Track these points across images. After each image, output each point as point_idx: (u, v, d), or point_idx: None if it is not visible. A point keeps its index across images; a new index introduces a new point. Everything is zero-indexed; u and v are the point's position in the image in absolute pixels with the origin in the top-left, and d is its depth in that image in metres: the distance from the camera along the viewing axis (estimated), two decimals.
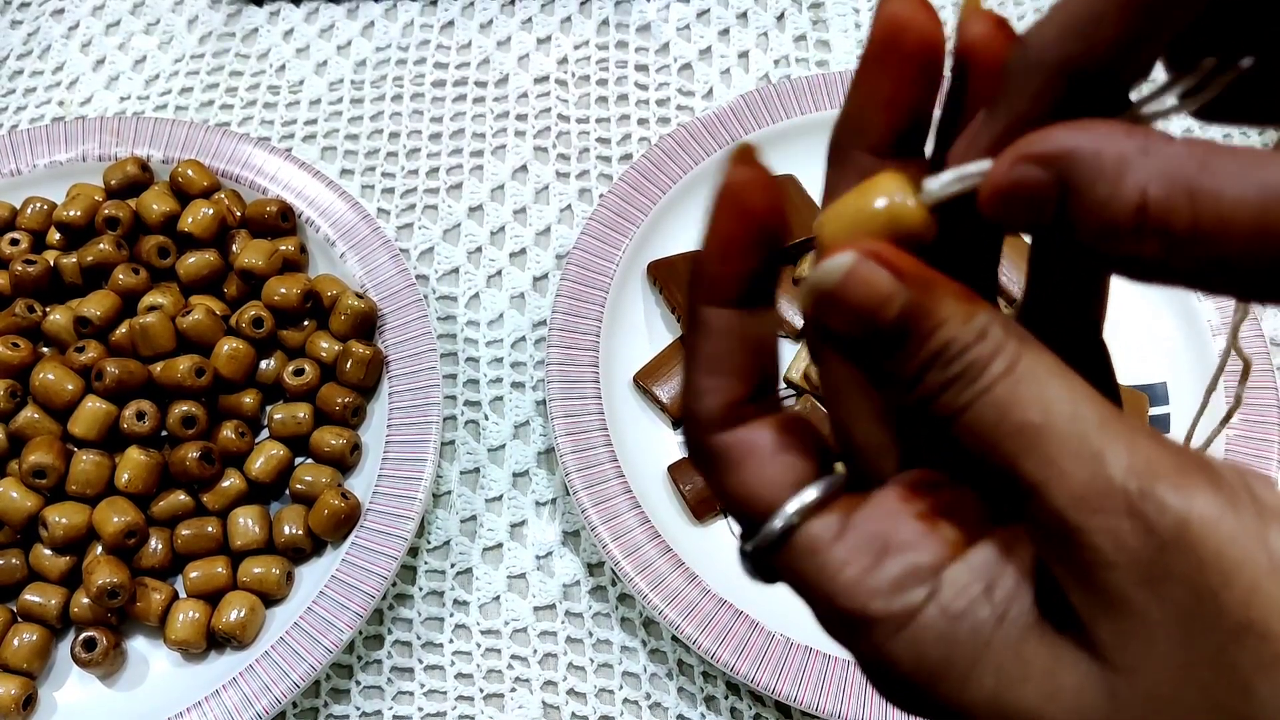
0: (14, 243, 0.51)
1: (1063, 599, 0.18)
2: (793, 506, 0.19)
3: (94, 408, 0.46)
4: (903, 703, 0.20)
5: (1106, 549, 0.16)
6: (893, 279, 0.18)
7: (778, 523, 0.19)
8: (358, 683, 0.47)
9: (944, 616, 0.18)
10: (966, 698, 0.18)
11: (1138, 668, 0.17)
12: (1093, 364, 0.22)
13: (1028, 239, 0.21)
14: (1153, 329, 0.53)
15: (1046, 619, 0.18)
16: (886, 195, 0.19)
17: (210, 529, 0.46)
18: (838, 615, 0.19)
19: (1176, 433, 0.51)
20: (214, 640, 0.45)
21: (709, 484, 0.21)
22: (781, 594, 0.51)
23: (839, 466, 0.21)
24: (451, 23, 0.64)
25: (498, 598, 0.49)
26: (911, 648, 0.18)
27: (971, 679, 0.18)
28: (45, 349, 0.49)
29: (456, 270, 0.56)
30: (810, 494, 0.19)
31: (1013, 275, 0.51)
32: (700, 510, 0.48)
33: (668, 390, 0.51)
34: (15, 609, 0.45)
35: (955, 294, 0.18)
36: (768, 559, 0.20)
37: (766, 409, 0.20)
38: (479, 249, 0.57)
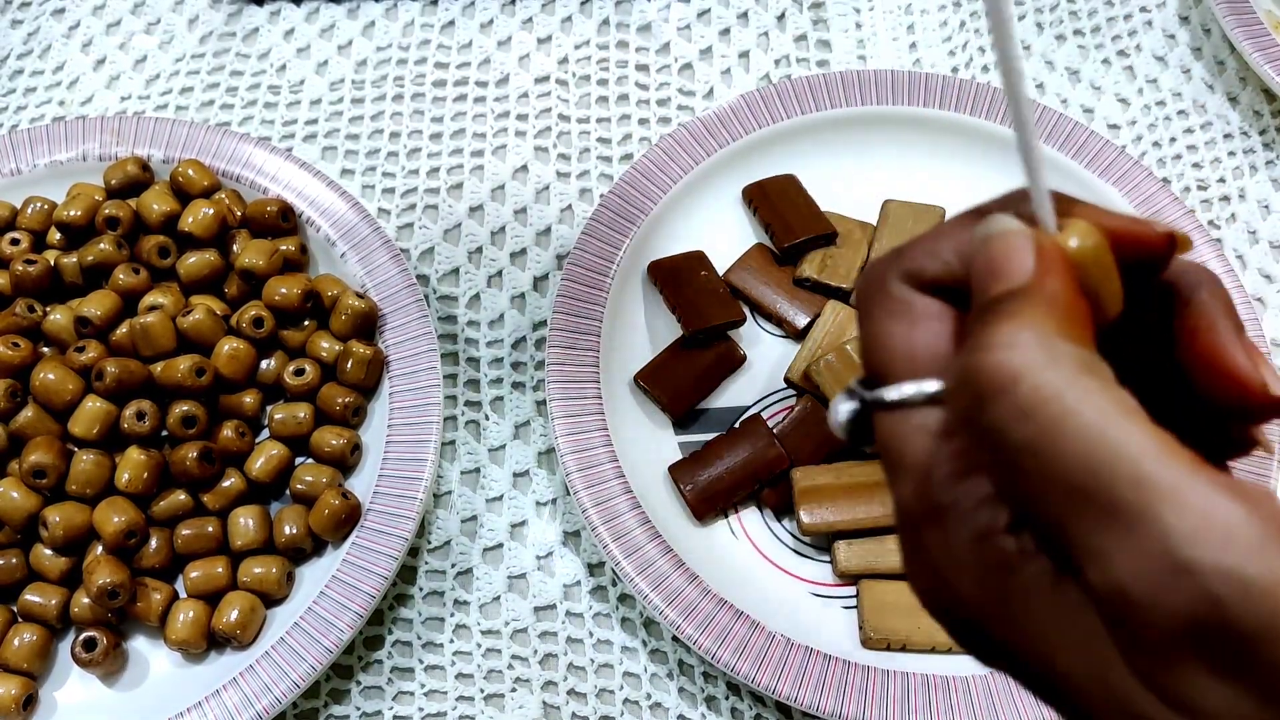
0: (14, 242, 0.51)
1: None
2: (936, 386, 0.20)
3: (94, 408, 0.46)
4: (940, 613, 0.20)
5: (1174, 629, 0.16)
6: (1031, 267, 0.19)
7: (925, 387, 0.20)
8: (358, 683, 0.47)
9: (1017, 552, 0.18)
10: (1016, 630, 0.18)
11: None
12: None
13: None
14: None
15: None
16: (1081, 237, 0.20)
17: (210, 529, 0.46)
18: (920, 496, 0.19)
19: None
20: (214, 640, 0.45)
21: (863, 323, 0.21)
22: (781, 594, 0.51)
23: None
24: (452, 23, 0.64)
25: (498, 598, 0.49)
26: (968, 566, 0.18)
27: (1024, 617, 0.18)
28: (45, 349, 0.49)
29: (457, 270, 0.56)
30: (935, 385, 0.20)
31: None
32: (700, 510, 0.48)
33: (668, 390, 0.51)
34: (15, 609, 0.45)
35: (1056, 312, 0.18)
36: (876, 412, 0.20)
37: (959, 302, 0.21)
38: (479, 249, 0.57)
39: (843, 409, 0.21)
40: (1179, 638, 0.16)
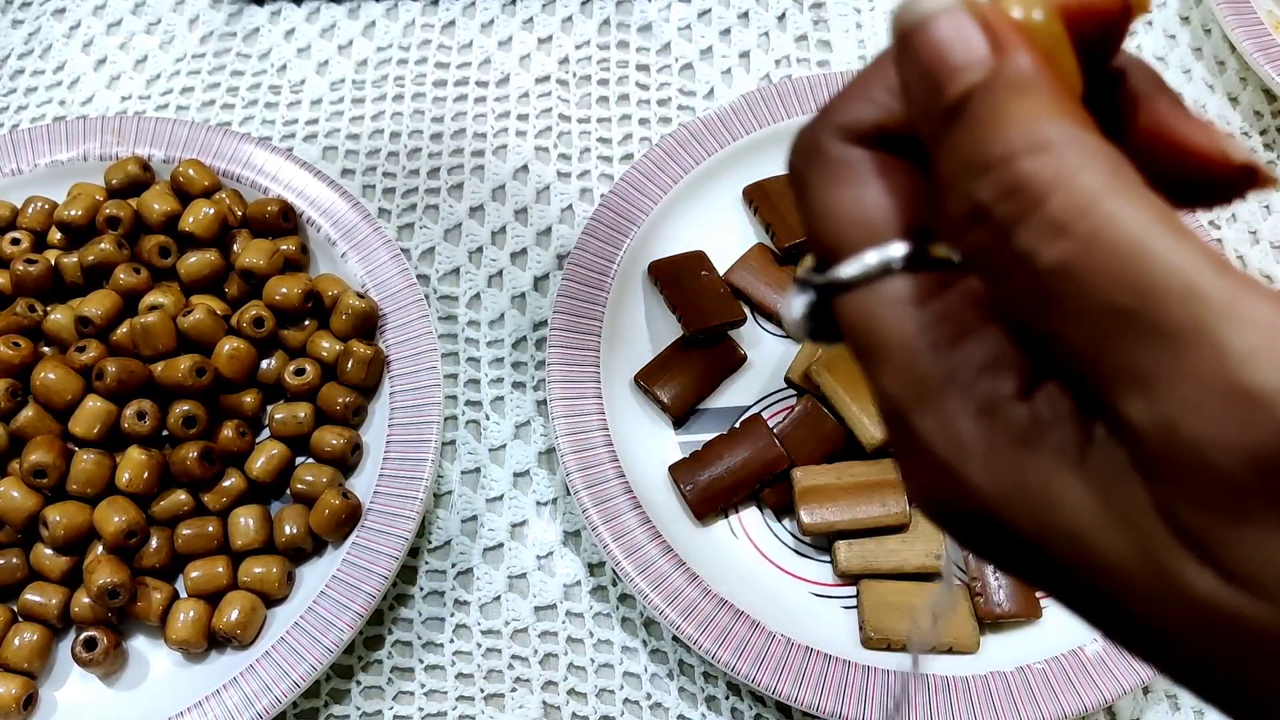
0: (15, 242, 0.51)
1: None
2: (904, 248, 0.17)
3: (94, 407, 0.46)
4: (947, 514, 0.17)
5: (1233, 468, 0.13)
6: (986, 49, 0.15)
7: (890, 252, 0.17)
8: (358, 683, 0.47)
9: (1032, 421, 0.15)
10: (1041, 514, 0.15)
11: (1276, 589, 0.14)
12: None
13: None
14: None
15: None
16: (1026, 5, 0.16)
17: (210, 529, 0.46)
18: (907, 378, 0.16)
19: None
20: (214, 640, 0.45)
21: (802, 198, 0.18)
22: (781, 594, 0.51)
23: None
24: (453, 22, 0.64)
25: (498, 598, 0.49)
26: (975, 448, 0.15)
27: (1051, 495, 0.15)
28: (46, 348, 0.49)
29: (457, 270, 0.56)
30: (905, 248, 0.17)
31: None
32: (701, 510, 0.48)
33: (668, 390, 0.51)
34: (16, 609, 0.45)
35: (1049, 96, 0.15)
36: (836, 298, 0.17)
37: (907, 154, 0.17)
38: (480, 249, 0.57)
39: (797, 303, 0.18)
40: (1240, 482, 0.13)
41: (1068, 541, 0.15)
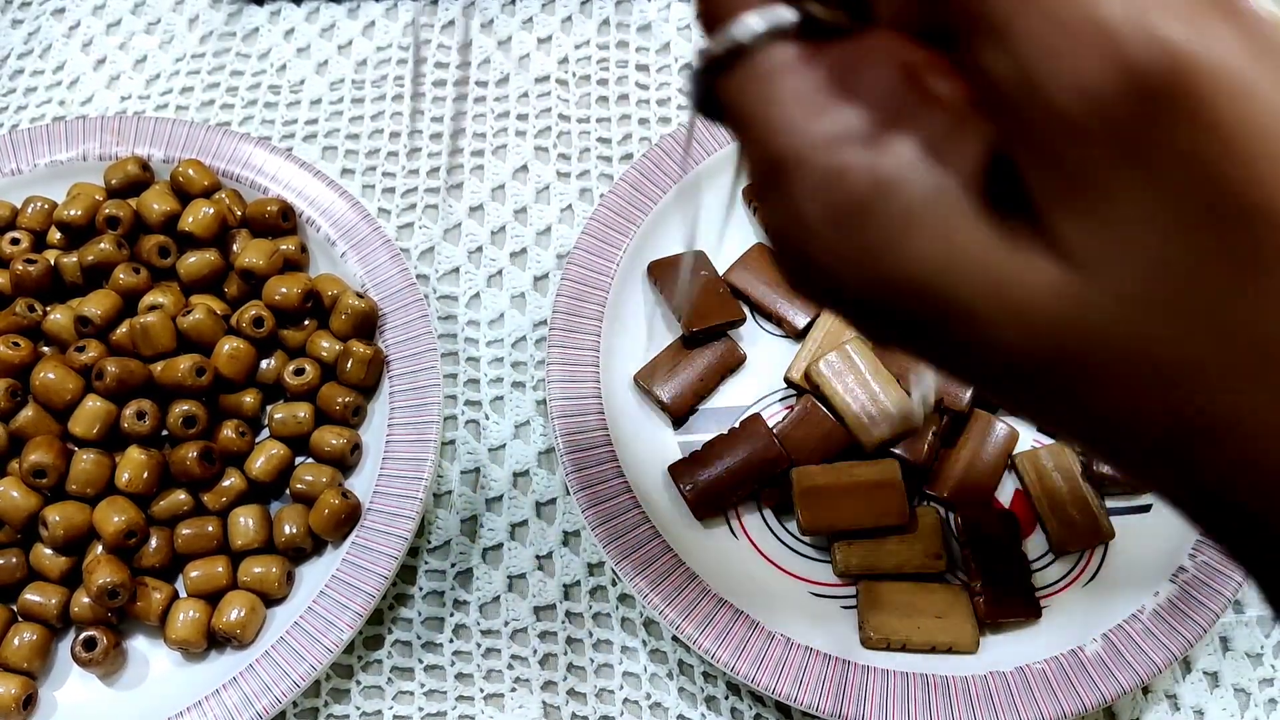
0: (14, 242, 0.51)
1: (1018, 181, 0.15)
2: (763, 20, 0.16)
3: (94, 407, 0.46)
4: (807, 288, 0.17)
5: (1078, 109, 0.13)
6: None
7: (744, 29, 0.17)
8: (358, 683, 0.47)
9: (873, 182, 0.15)
10: (885, 275, 0.15)
11: (1108, 265, 0.14)
12: None
13: None
14: None
15: (999, 206, 0.15)
16: None
17: (210, 529, 0.46)
18: (765, 156, 0.16)
19: None
20: (214, 640, 0.45)
21: None
22: (781, 594, 0.51)
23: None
24: (452, 22, 0.64)
25: (498, 598, 0.49)
26: (829, 209, 0.15)
27: (891, 255, 0.15)
28: (46, 348, 0.49)
29: (457, 270, 0.56)
30: (786, 13, 0.16)
31: None
32: (700, 510, 0.48)
33: (668, 390, 0.51)
34: (15, 608, 0.45)
35: None
36: (716, 77, 0.17)
37: None
38: (479, 249, 0.57)
39: (688, 92, 0.18)
40: (1083, 129, 0.13)
41: (918, 292, 0.15)
